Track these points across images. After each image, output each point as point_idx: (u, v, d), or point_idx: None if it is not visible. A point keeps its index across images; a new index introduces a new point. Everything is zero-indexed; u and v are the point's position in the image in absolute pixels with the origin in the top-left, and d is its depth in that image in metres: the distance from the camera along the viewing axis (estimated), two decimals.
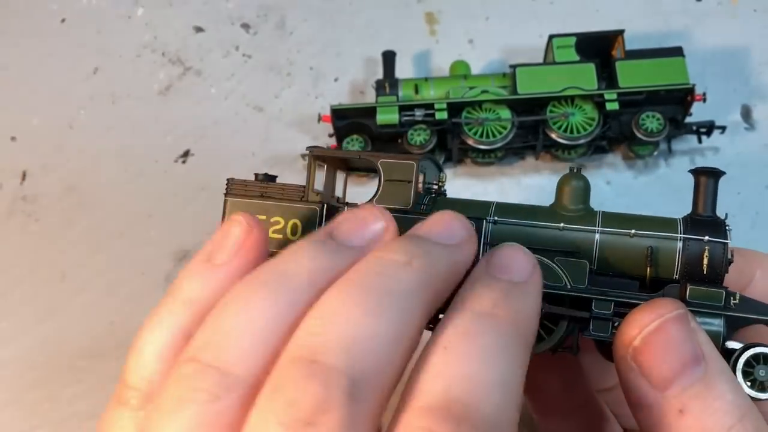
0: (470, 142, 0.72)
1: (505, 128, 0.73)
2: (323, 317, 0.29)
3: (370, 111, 0.73)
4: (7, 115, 0.81)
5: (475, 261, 0.36)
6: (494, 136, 0.72)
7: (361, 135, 0.74)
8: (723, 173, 0.40)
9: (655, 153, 0.74)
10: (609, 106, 0.72)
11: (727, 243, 0.38)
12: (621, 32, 0.74)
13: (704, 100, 0.71)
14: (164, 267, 0.73)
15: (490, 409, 0.29)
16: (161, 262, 0.73)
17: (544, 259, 0.39)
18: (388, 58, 0.77)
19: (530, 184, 0.74)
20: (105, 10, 0.86)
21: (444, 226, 0.35)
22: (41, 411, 0.68)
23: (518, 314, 0.32)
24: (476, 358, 0.30)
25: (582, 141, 0.72)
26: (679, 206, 0.72)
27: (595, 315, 0.37)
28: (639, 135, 0.71)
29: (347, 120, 0.74)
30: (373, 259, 0.32)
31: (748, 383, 0.36)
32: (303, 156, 0.76)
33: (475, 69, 0.79)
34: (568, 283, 0.38)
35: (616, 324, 0.37)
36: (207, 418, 0.28)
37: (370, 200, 0.41)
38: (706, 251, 0.38)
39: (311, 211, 0.41)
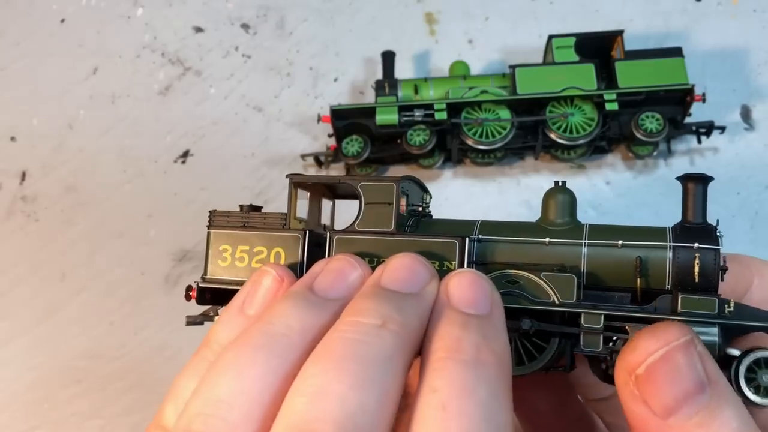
0: (470, 142, 0.72)
1: (504, 128, 0.73)
2: (310, 395, 0.29)
3: (369, 111, 0.73)
4: (6, 115, 0.81)
5: None
6: (494, 136, 0.72)
7: (361, 135, 0.74)
8: (711, 179, 0.39)
9: (655, 153, 0.74)
10: (608, 107, 0.72)
11: (718, 249, 0.37)
12: (620, 32, 0.74)
13: (704, 101, 0.71)
14: (164, 267, 0.73)
15: None
16: (161, 262, 0.73)
17: (531, 275, 0.38)
18: (388, 58, 0.77)
19: (529, 184, 0.74)
20: (105, 10, 0.86)
21: (408, 272, 0.35)
22: (41, 411, 0.68)
23: (499, 354, 0.32)
24: (477, 416, 0.29)
25: (581, 141, 0.72)
26: (679, 206, 0.72)
27: (585, 329, 0.36)
28: (638, 135, 0.71)
29: (347, 120, 0.74)
30: (348, 326, 0.32)
31: (752, 389, 0.35)
32: (303, 156, 0.76)
33: (475, 69, 0.79)
34: (556, 299, 0.37)
35: (614, 341, 0.36)
36: None
37: (352, 224, 0.41)
38: (697, 259, 0.37)
39: (293, 239, 0.41)
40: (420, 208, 0.44)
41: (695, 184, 0.39)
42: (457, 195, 0.75)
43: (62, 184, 0.77)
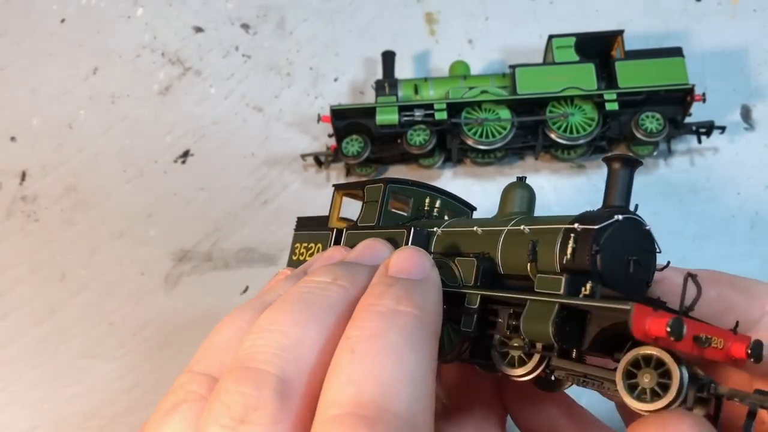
0: (470, 142, 0.72)
1: (504, 128, 0.73)
2: (257, 331, 0.33)
3: (369, 111, 0.73)
4: (6, 115, 0.81)
5: None
6: (494, 136, 0.72)
7: (361, 135, 0.74)
8: (639, 163, 0.37)
9: (655, 153, 0.74)
10: (608, 107, 0.72)
11: (593, 229, 0.34)
12: (620, 32, 0.74)
13: (704, 101, 0.71)
14: (163, 267, 0.73)
15: (402, 406, 0.29)
16: (160, 262, 0.73)
17: (450, 261, 0.38)
18: (388, 58, 0.77)
19: (529, 184, 0.74)
20: (105, 10, 0.86)
21: (366, 250, 0.40)
22: (41, 411, 0.68)
23: (421, 308, 0.33)
24: (384, 358, 0.30)
25: (581, 141, 0.72)
26: (679, 206, 0.72)
27: (464, 309, 0.36)
28: (639, 135, 0.71)
29: (347, 120, 0.74)
30: (303, 281, 0.36)
31: (635, 395, 0.30)
32: (303, 156, 0.76)
33: (475, 69, 0.79)
34: (461, 282, 0.37)
35: (494, 324, 0.36)
36: (189, 414, 0.32)
37: (356, 221, 0.47)
38: (572, 240, 0.34)
39: (326, 236, 0.48)
40: (426, 209, 0.47)
41: (621, 167, 0.37)
42: (457, 194, 0.74)
43: (62, 184, 0.77)
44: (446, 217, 0.47)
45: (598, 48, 0.75)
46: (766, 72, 0.78)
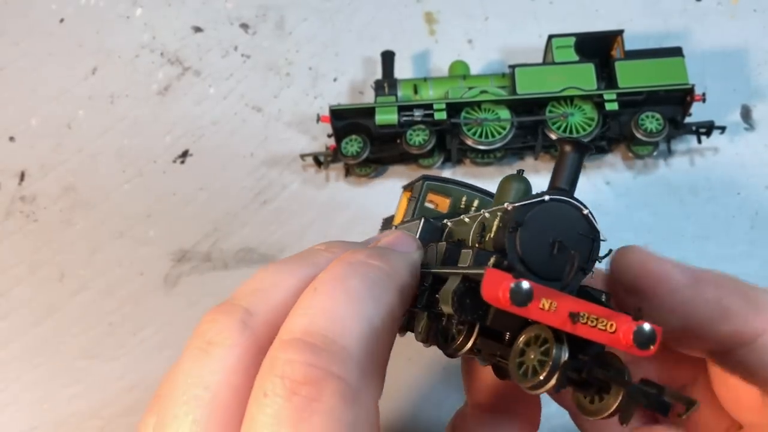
0: (469, 142, 0.72)
1: (504, 128, 0.72)
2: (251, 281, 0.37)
3: (369, 111, 0.73)
4: (5, 115, 0.81)
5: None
6: (493, 136, 0.72)
7: (360, 135, 0.74)
8: (591, 149, 0.36)
9: (655, 153, 0.74)
10: (608, 107, 0.72)
11: (511, 207, 0.33)
12: (620, 32, 0.74)
13: (704, 101, 0.71)
14: (163, 267, 0.73)
15: (352, 342, 0.31)
16: (160, 263, 0.73)
17: (436, 245, 0.40)
18: (387, 58, 0.77)
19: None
20: (104, 10, 0.86)
21: (386, 239, 0.41)
22: (40, 411, 0.68)
23: (390, 266, 0.35)
24: (340, 295, 0.32)
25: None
26: (679, 206, 0.72)
27: (420, 289, 0.37)
28: (638, 135, 0.71)
29: (346, 120, 0.74)
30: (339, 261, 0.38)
31: (521, 372, 0.30)
32: (302, 156, 0.76)
33: (475, 69, 0.79)
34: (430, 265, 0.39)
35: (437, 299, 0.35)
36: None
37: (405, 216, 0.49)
38: (498, 218, 0.34)
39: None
40: (462, 208, 0.48)
41: (572, 150, 0.35)
42: None
43: (61, 184, 0.77)
44: None
45: (598, 48, 0.75)
46: (766, 72, 0.78)
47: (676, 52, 0.73)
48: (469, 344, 0.34)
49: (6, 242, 0.75)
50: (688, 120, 0.73)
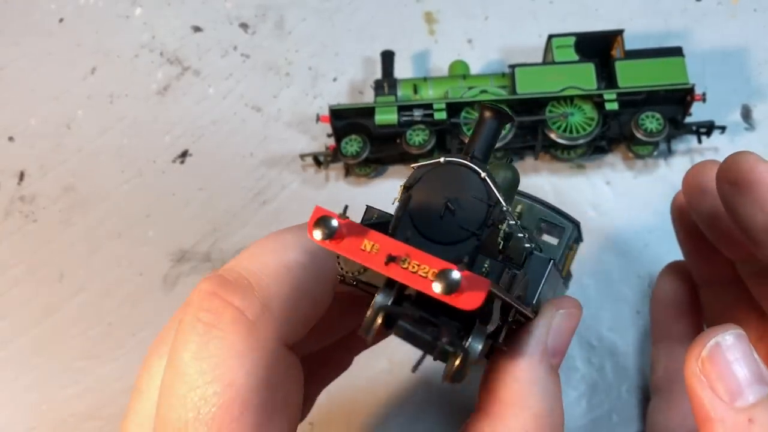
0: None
1: (504, 128, 0.72)
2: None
3: (368, 111, 0.73)
4: (4, 115, 0.81)
5: None
6: None
7: (360, 135, 0.74)
8: (511, 119, 0.36)
9: (655, 153, 0.74)
10: (608, 106, 0.72)
11: (412, 168, 0.34)
12: (620, 32, 0.74)
13: (704, 100, 0.71)
14: (162, 267, 0.73)
15: (259, 279, 0.34)
16: (159, 263, 0.73)
17: None
18: (387, 57, 0.77)
19: (529, 185, 0.74)
20: (103, 9, 0.86)
21: None
22: (39, 411, 0.68)
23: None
24: (271, 243, 0.35)
25: (581, 141, 0.71)
26: None
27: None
28: (639, 135, 0.71)
29: (346, 120, 0.74)
30: None
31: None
32: (302, 156, 0.76)
33: (474, 69, 0.79)
34: None
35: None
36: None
37: None
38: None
39: None
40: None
41: (490, 117, 0.35)
42: None
43: (60, 185, 0.77)
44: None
45: (598, 48, 0.75)
46: (766, 72, 0.77)
47: (677, 51, 0.73)
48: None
49: (5, 242, 0.75)
50: (688, 120, 0.73)
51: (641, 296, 0.68)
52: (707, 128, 0.73)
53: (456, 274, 0.28)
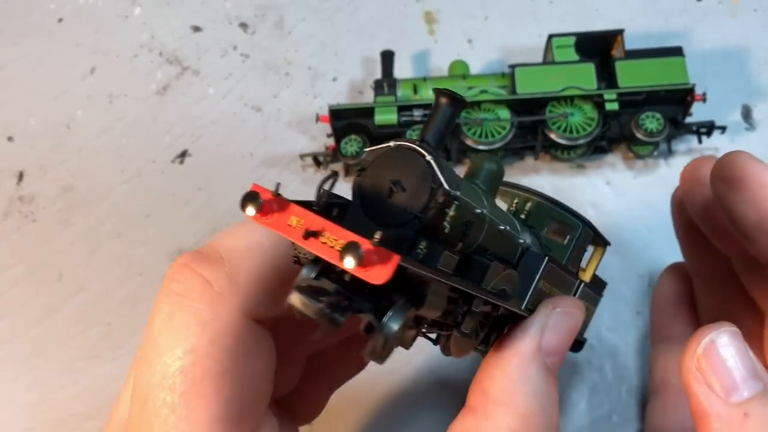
0: (469, 142, 0.72)
1: (504, 128, 0.72)
2: None
3: (368, 111, 0.73)
4: (3, 115, 0.81)
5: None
6: (493, 136, 0.72)
7: (360, 135, 0.74)
8: (466, 104, 0.37)
9: (655, 153, 0.74)
10: (609, 107, 0.71)
11: (366, 151, 0.34)
12: (621, 32, 0.74)
13: (704, 100, 0.71)
14: (162, 267, 0.73)
15: (230, 255, 0.37)
16: (159, 263, 0.73)
17: None
18: (387, 57, 0.77)
19: (529, 185, 0.74)
20: (102, 9, 0.86)
21: None
22: (38, 411, 0.68)
23: None
24: (249, 224, 0.37)
25: (581, 141, 0.71)
26: None
27: None
28: (639, 135, 0.71)
29: (345, 120, 0.74)
30: None
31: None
32: (301, 156, 0.76)
33: (474, 69, 0.78)
34: None
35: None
36: None
37: None
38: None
39: None
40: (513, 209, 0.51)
41: (446, 103, 0.35)
42: None
43: (60, 185, 0.77)
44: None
45: (598, 47, 0.75)
46: (766, 72, 0.77)
47: (677, 51, 0.73)
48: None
49: (4, 242, 0.75)
50: (688, 120, 0.73)
51: (641, 296, 0.68)
52: (707, 128, 0.73)
53: (359, 247, 0.28)
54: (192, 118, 0.79)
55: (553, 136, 0.72)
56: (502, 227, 0.40)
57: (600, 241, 0.53)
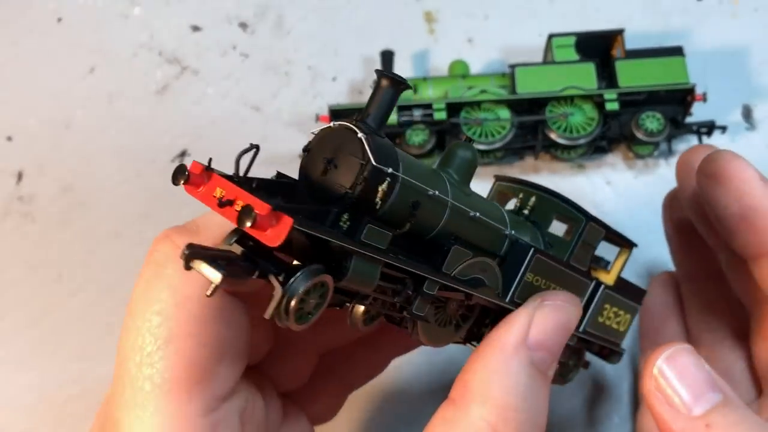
0: None
1: (504, 128, 0.72)
2: None
3: None
4: (3, 114, 0.81)
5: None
6: (493, 136, 0.72)
7: None
8: (408, 87, 0.37)
9: (656, 153, 0.74)
10: (609, 106, 0.71)
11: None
12: (621, 32, 0.74)
13: (704, 100, 0.71)
14: None
15: (210, 232, 0.39)
16: None
17: None
18: (387, 57, 0.77)
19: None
20: (102, 9, 0.86)
21: None
22: (36, 412, 0.68)
23: None
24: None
25: (581, 141, 0.71)
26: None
27: None
28: (639, 135, 0.71)
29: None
30: None
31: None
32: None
33: (474, 68, 0.78)
34: None
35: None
36: None
37: None
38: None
39: None
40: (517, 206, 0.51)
41: (387, 85, 0.37)
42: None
43: (59, 185, 0.77)
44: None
45: (599, 47, 0.75)
46: (767, 71, 0.77)
47: (677, 51, 0.73)
48: None
49: (4, 242, 0.75)
50: (689, 120, 0.73)
51: None
52: (708, 128, 0.72)
53: (253, 210, 0.30)
54: (191, 118, 0.79)
55: (553, 136, 0.72)
56: (473, 214, 0.40)
57: (624, 243, 0.52)
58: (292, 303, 0.31)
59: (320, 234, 0.31)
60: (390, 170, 0.35)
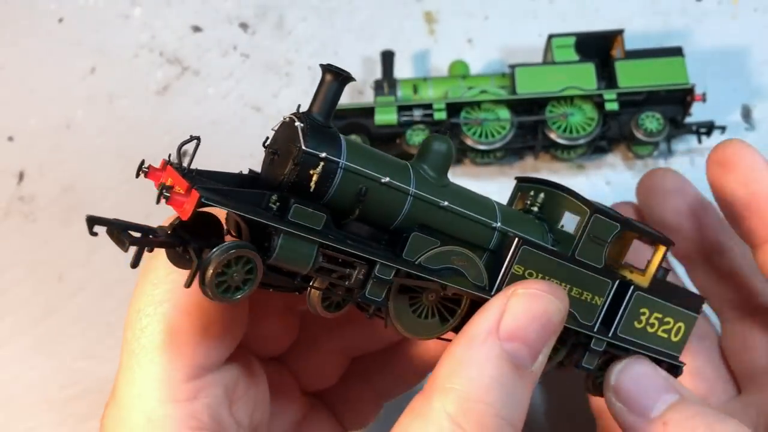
0: (469, 142, 0.72)
1: (504, 128, 0.72)
2: None
3: (368, 111, 0.73)
4: (4, 115, 0.81)
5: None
6: (493, 136, 0.72)
7: (360, 135, 0.74)
8: (352, 79, 0.39)
9: (655, 153, 0.74)
10: (608, 107, 0.71)
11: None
12: (620, 32, 0.74)
13: (704, 100, 0.71)
14: None
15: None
16: None
17: None
18: (387, 57, 0.77)
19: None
20: (103, 9, 0.86)
21: None
22: (38, 412, 0.68)
23: None
24: None
25: (581, 141, 0.71)
26: None
27: None
28: (639, 135, 0.71)
29: (345, 120, 0.74)
30: None
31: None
32: None
33: (474, 69, 0.78)
34: None
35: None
36: None
37: None
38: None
39: None
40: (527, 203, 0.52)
41: (333, 80, 0.39)
42: None
43: (60, 185, 0.77)
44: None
45: (598, 47, 0.75)
46: (766, 72, 0.77)
47: (677, 51, 0.73)
48: None
49: (4, 242, 0.75)
50: (688, 120, 0.73)
51: None
52: (707, 128, 0.73)
53: (168, 188, 0.35)
54: (192, 118, 0.79)
55: (553, 136, 0.72)
56: (443, 204, 0.40)
57: (659, 241, 0.48)
58: (208, 273, 0.34)
59: (231, 209, 0.34)
60: (324, 155, 0.37)
